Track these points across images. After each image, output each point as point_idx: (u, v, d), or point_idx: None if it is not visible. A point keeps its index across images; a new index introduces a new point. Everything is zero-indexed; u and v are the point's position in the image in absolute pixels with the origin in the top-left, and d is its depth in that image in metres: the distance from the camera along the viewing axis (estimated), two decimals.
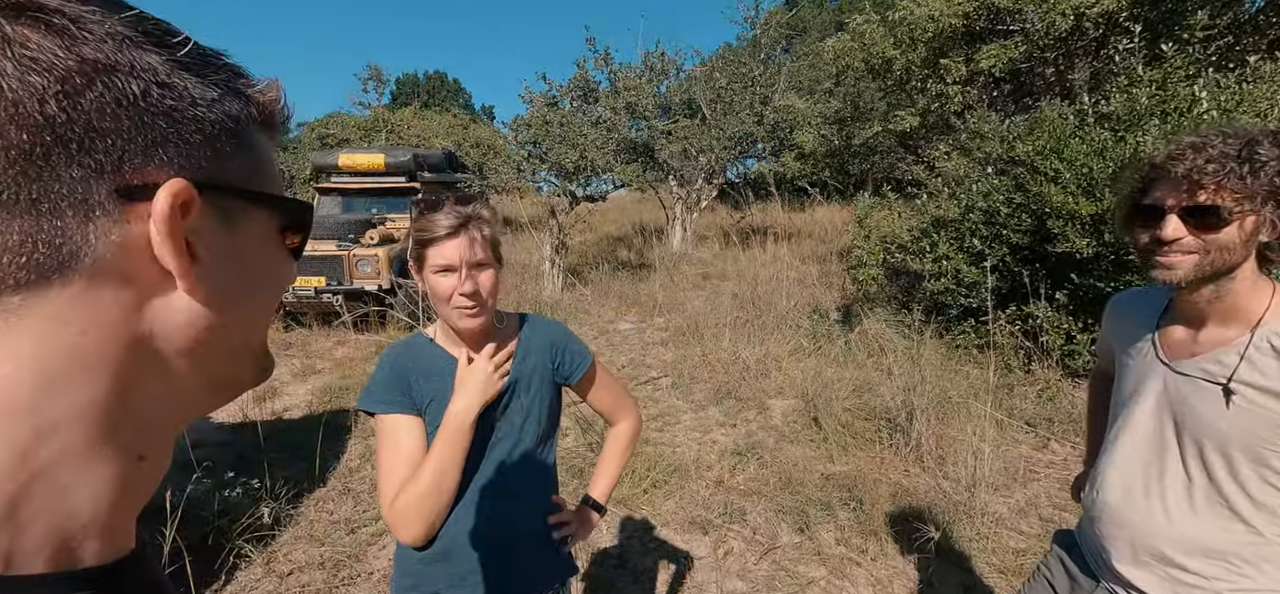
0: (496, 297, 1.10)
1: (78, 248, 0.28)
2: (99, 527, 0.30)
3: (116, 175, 0.29)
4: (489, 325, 1.13)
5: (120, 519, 0.32)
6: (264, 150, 0.37)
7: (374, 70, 28.83)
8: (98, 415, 0.29)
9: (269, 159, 0.37)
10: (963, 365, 4.49)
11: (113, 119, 0.28)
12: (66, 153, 0.27)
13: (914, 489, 3.09)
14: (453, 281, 1.04)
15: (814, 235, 10.59)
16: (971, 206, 4.88)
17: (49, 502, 0.28)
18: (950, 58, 6.08)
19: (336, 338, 5.90)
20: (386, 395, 1.09)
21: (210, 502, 2.73)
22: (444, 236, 1.03)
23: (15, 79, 0.26)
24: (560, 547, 1.24)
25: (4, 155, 0.26)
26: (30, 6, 0.27)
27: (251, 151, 0.35)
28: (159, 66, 0.30)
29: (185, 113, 0.31)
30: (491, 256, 1.07)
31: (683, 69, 10.09)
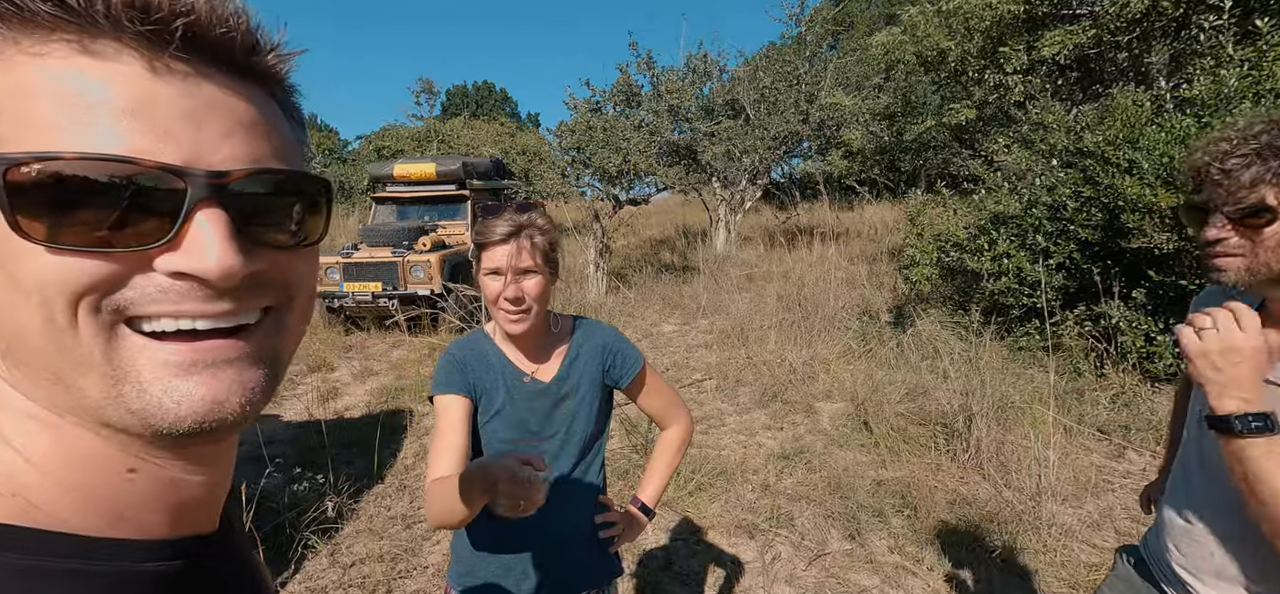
0: (545, 303, 1.12)
1: None
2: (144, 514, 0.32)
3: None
4: (538, 330, 1.16)
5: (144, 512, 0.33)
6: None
7: (425, 83, 30.03)
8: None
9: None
10: (1025, 368, 4.25)
11: None
12: None
13: (973, 497, 2.95)
14: (499, 285, 1.08)
15: (863, 235, 10.28)
16: (1034, 202, 4.62)
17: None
18: (1010, 46, 5.75)
19: (393, 340, 6.16)
20: (442, 378, 1.14)
21: (281, 494, 2.90)
22: (496, 241, 1.07)
23: None
24: (607, 547, 1.26)
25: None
26: None
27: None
28: None
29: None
30: (542, 265, 1.09)
31: (726, 70, 10.03)
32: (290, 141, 0.34)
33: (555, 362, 1.19)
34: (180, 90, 0.28)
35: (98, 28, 0.26)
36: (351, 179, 20.19)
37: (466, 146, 20.55)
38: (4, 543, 0.28)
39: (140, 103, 0.27)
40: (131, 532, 0.32)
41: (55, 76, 0.26)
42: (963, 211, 5.67)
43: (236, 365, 0.31)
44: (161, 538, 0.33)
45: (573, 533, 1.21)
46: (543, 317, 1.15)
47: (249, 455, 3.30)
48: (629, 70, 8.57)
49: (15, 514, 0.29)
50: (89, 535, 0.30)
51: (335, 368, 5.43)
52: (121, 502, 0.32)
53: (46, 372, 0.28)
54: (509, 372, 1.17)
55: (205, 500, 0.36)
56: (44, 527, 0.29)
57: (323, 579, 2.48)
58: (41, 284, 0.26)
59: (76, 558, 0.29)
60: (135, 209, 0.27)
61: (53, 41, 0.26)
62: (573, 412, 1.19)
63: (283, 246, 0.33)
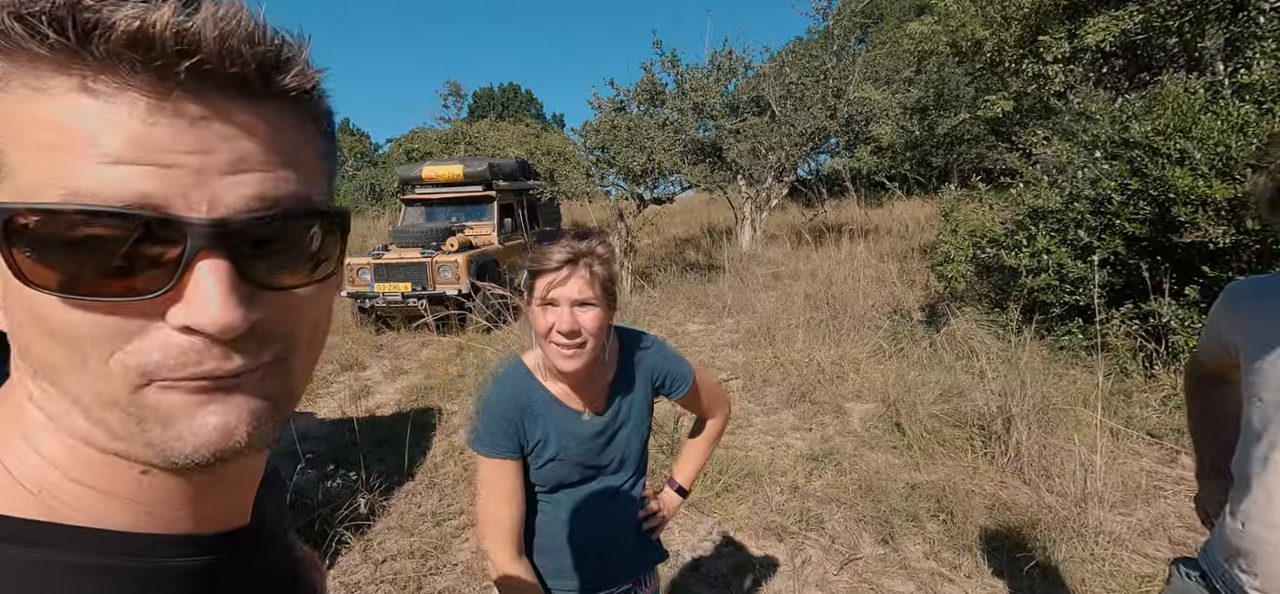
0: (602, 339, 1.03)
1: None
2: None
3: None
4: (590, 368, 1.06)
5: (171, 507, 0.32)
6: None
7: (453, 86, 30.56)
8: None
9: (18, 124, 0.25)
10: (1068, 369, 4.08)
11: None
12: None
13: (1013, 502, 2.84)
14: (553, 316, 0.99)
15: (893, 232, 10.05)
16: (1077, 195, 4.44)
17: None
18: (1050, 34, 5.53)
19: (422, 340, 6.27)
20: (496, 441, 1.07)
21: (315, 490, 2.97)
22: (552, 269, 0.98)
23: None
24: (650, 535, 1.29)
25: None
26: None
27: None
28: None
29: None
30: (602, 296, 1.00)
31: (751, 66, 9.91)
32: (315, 157, 0.32)
33: (604, 391, 1.14)
34: (184, 128, 0.26)
35: (99, 64, 0.25)
36: (382, 181, 20.66)
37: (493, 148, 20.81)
38: (34, 540, 0.28)
39: (139, 144, 0.25)
40: (159, 526, 0.32)
41: (55, 113, 0.25)
42: (999, 206, 5.48)
43: (244, 395, 0.30)
44: (190, 533, 0.32)
45: (622, 533, 1.22)
46: (597, 355, 1.05)
47: (285, 451, 3.38)
48: (653, 69, 8.55)
49: (43, 511, 0.29)
50: (118, 530, 0.30)
51: (367, 366, 5.55)
52: (144, 498, 0.31)
53: (69, 399, 0.28)
54: (562, 414, 1.10)
55: (231, 497, 0.36)
56: (73, 523, 0.29)
57: (356, 574, 2.53)
58: (75, 337, 0.27)
59: (109, 554, 0.29)
60: (139, 258, 0.26)
61: (55, 77, 0.25)
62: (628, 435, 1.17)
63: (292, 287, 0.31)
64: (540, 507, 1.17)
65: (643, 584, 1.29)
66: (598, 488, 1.17)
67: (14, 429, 0.30)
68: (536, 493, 1.16)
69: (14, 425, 0.30)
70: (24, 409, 0.30)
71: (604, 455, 1.16)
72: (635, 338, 1.21)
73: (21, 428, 0.30)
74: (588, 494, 1.16)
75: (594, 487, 1.17)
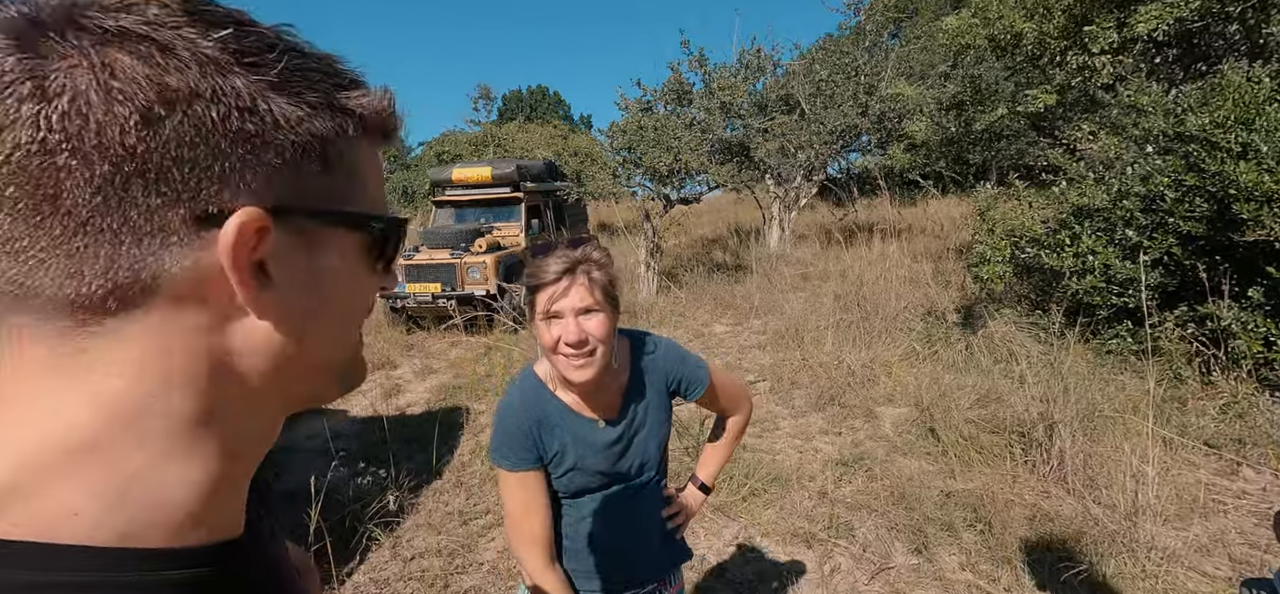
0: (609, 344, 1.01)
1: (157, 273, 0.29)
2: (203, 514, 0.32)
3: (192, 203, 0.29)
4: (603, 375, 1.04)
5: (224, 508, 0.34)
6: (362, 165, 0.36)
7: (483, 89, 31.05)
8: (195, 423, 0.32)
9: (367, 173, 0.36)
10: (1115, 374, 3.88)
11: (190, 148, 0.28)
12: (144, 182, 0.28)
13: (1056, 513, 2.71)
14: (558, 329, 0.98)
15: (927, 231, 9.77)
16: (1125, 192, 4.22)
17: (155, 494, 0.30)
18: (1097, 23, 5.26)
19: (451, 339, 6.37)
20: (516, 455, 1.06)
21: (346, 488, 3.03)
22: (551, 281, 0.98)
23: (101, 108, 0.26)
24: (675, 535, 1.28)
25: (88, 184, 0.27)
26: (125, 34, 0.27)
27: (342, 169, 0.34)
28: (244, 90, 0.30)
29: (266, 137, 0.31)
30: (603, 301, 0.99)
31: (780, 64, 9.77)
32: None
33: (618, 397, 1.13)
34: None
35: (385, 143, 0.39)
36: (413, 184, 21.13)
37: (521, 150, 21.08)
38: (33, 562, 0.27)
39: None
40: (163, 541, 0.31)
41: (378, 165, 0.39)
42: (1040, 205, 5.26)
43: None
44: (187, 546, 0.32)
45: (646, 533, 1.22)
46: (608, 361, 1.03)
47: (318, 449, 3.47)
48: (681, 68, 8.50)
49: (115, 537, 0.29)
50: (114, 547, 0.29)
51: (397, 365, 5.66)
52: (183, 508, 0.32)
53: (303, 378, 0.37)
54: (577, 424, 1.09)
55: (235, 502, 0.36)
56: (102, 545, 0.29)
57: (385, 571, 2.57)
58: (365, 307, 0.40)
59: (110, 570, 0.29)
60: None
61: (380, 147, 0.39)
62: (644, 438, 1.16)
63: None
64: (564, 510, 1.16)
65: (668, 584, 1.28)
66: (619, 491, 1.16)
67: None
68: (560, 498, 1.15)
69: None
70: (142, 428, 0.31)
71: (623, 462, 1.14)
72: (644, 341, 1.19)
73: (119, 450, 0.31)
74: (610, 497, 1.15)
75: (615, 490, 1.16)
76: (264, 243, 0.31)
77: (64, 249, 0.27)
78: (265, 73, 0.31)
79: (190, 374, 0.31)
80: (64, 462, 0.29)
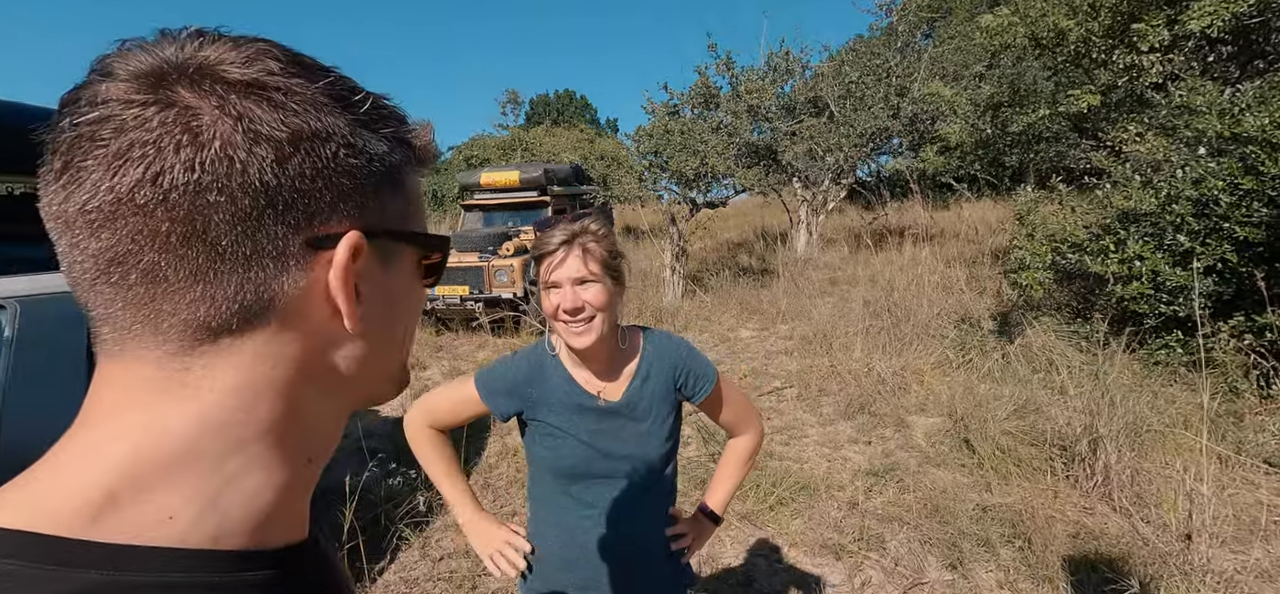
0: (608, 314, 1.06)
1: (274, 294, 0.32)
2: (280, 517, 0.35)
3: (308, 229, 0.33)
4: (606, 345, 1.09)
5: (295, 511, 0.37)
6: (416, 189, 0.40)
7: (511, 94, 31.53)
8: (278, 431, 0.34)
9: (419, 196, 0.41)
10: (1164, 386, 3.70)
11: (310, 180, 0.32)
12: (274, 212, 0.31)
13: (1101, 531, 2.59)
14: (558, 297, 1.04)
15: (961, 236, 9.49)
16: (1176, 196, 4.03)
17: (242, 497, 0.33)
18: (1146, 21, 5.04)
19: (478, 341, 6.45)
20: (489, 389, 1.15)
21: (378, 487, 3.09)
22: (551, 252, 1.04)
23: (243, 150, 0.30)
24: (680, 558, 1.23)
25: (231, 217, 0.30)
26: (253, 85, 0.31)
27: (407, 193, 0.39)
28: (344, 127, 0.34)
29: (362, 168, 0.35)
30: (601, 272, 1.04)
31: (809, 67, 9.65)
32: None
33: (624, 380, 1.14)
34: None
35: (426, 170, 0.42)
36: (443, 188, 21.54)
37: (548, 154, 21.29)
38: (108, 562, 0.29)
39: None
40: (245, 543, 0.34)
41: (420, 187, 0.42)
42: (1082, 209, 5.06)
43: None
44: (260, 548, 0.34)
45: (647, 548, 1.18)
46: (610, 330, 1.08)
47: (351, 449, 3.55)
48: (708, 72, 8.47)
49: (205, 540, 0.32)
50: (199, 548, 0.32)
51: (427, 367, 5.76)
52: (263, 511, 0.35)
53: (366, 376, 0.39)
54: (573, 391, 1.12)
55: (302, 507, 0.39)
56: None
57: (415, 570, 2.61)
58: (416, 316, 0.43)
59: (198, 571, 0.31)
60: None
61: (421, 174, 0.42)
62: (646, 431, 1.14)
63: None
64: (562, 504, 1.15)
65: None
66: (619, 492, 1.13)
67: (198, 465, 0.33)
68: (555, 486, 1.15)
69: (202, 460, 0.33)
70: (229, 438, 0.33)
71: (618, 444, 1.12)
72: (661, 334, 1.22)
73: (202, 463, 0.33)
74: (610, 498, 1.13)
75: (615, 491, 1.13)
76: (358, 261, 0.34)
77: (204, 276, 0.31)
78: (356, 112, 0.35)
79: (281, 387, 0.34)
80: (160, 470, 0.31)
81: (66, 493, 0.29)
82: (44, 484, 0.30)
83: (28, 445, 1.07)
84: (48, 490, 0.30)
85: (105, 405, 0.32)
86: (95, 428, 0.31)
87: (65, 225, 0.30)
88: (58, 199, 0.30)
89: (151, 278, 0.30)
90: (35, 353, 1.07)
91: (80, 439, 0.31)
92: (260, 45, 0.33)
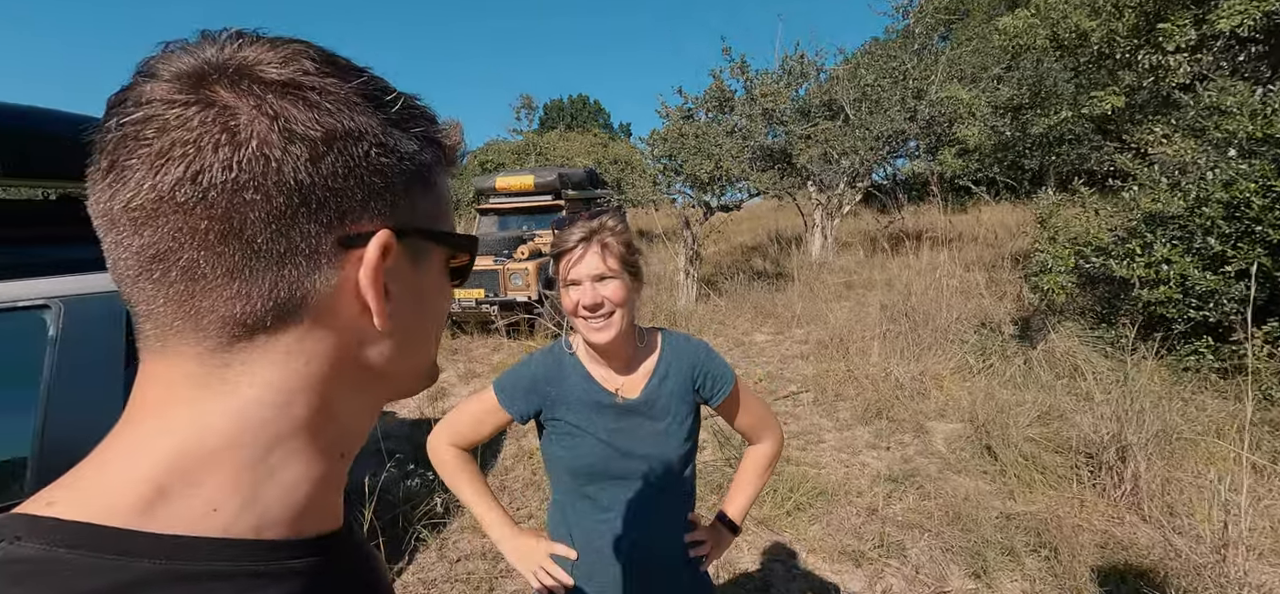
0: (627, 310, 1.07)
1: (307, 292, 0.33)
2: (316, 508, 0.36)
3: (340, 227, 0.33)
4: (624, 343, 1.10)
5: (330, 502, 0.38)
6: (445, 189, 0.40)
7: (525, 99, 31.76)
8: (313, 426, 0.35)
9: (448, 196, 0.41)
10: (1195, 393, 3.61)
11: (342, 179, 0.32)
12: (308, 210, 0.32)
13: (1131, 542, 2.52)
14: (577, 294, 1.04)
15: (979, 239, 9.36)
16: (1205, 199, 3.93)
17: (281, 490, 0.34)
18: (1172, 21, 4.93)
19: (493, 344, 6.48)
20: (509, 394, 1.15)
21: (396, 488, 3.11)
22: (570, 249, 1.05)
23: (279, 149, 0.30)
24: (698, 565, 1.21)
25: (267, 215, 0.31)
26: (289, 85, 0.31)
27: (436, 192, 0.39)
28: (376, 127, 0.34)
29: (393, 167, 0.35)
30: (620, 269, 1.05)
31: (824, 69, 9.59)
32: None
33: (642, 378, 1.14)
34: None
35: (454, 169, 0.42)
36: (459, 192, 21.74)
37: (562, 158, 21.40)
38: (171, 553, 0.30)
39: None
40: (286, 532, 0.35)
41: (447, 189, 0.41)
42: (1106, 212, 4.96)
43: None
44: (299, 537, 0.35)
45: (665, 552, 1.16)
46: (628, 327, 1.09)
47: (371, 450, 3.58)
48: (722, 76, 8.45)
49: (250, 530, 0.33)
50: (244, 538, 0.33)
51: (443, 369, 5.80)
52: (319, 494, 0.36)
53: (398, 379, 0.40)
54: (591, 388, 1.12)
55: (336, 497, 0.39)
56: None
57: (432, 572, 2.62)
58: (444, 316, 0.43)
59: (243, 559, 0.32)
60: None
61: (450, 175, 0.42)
62: (664, 431, 1.13)
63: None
64: (579, 508, 1.14)
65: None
66: (637, 495, 1.12)
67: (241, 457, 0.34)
68: (573, 488, 1.14)
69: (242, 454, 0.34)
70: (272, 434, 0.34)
71: (636, 443, 1.11)
72: (679, 335, 1.22)
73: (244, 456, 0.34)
74: (627, 501, 1.12)
75: (632, 493, 1.12)
76: (388, 259, 0.35)
77: (240, 273, 0.31)
78: (388, 111, 0.35)
79: (314, 383, 0.34)
80: (204, 465, 0.32)
81: (119, 486, 0.30)
82: (96, 478, 0.31)
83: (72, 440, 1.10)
84: (100, 484, 0.31)
85: (150, 402, 0.33)
86: (141, 424, 0.32)
87: (110, 223, 0.31)
88: (104, 197, 0.31)
89: (191, 274, 0.31)
90: (78, 351, 1.10)
91: (127, 435, 0.32)
92: (297, 46, 0.33)
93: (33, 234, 1.25)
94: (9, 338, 1.09)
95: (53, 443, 1.02)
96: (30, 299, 1.10)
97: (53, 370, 1.07)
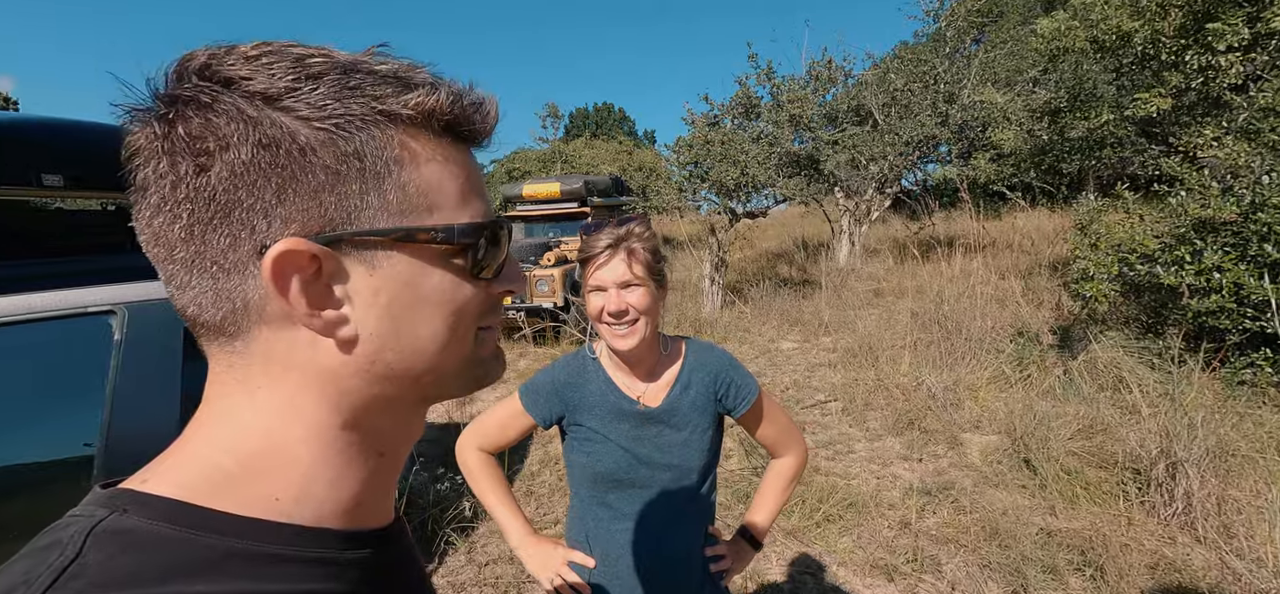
0: (653, 317, 1.07)
1: (248, 300, 0.33)
2: (364, 504, 0.38)
3: (252, 238, 0.32)
4: (648, 349, 1.10)
5: (379, 499, 0.39)
6: (423, 179, 0.35)
7: (551, 107, 32.11)
8: (335, 428, 0.36)
9: (435, 178, 0.35)
10: (1252, 408, 3.42)
11: (232, 191, 0.31)
12: (212, 226, 0.32)
13: (1184, 564, 2.40)
14: (602, 300, 1.05)
15: (1014, 246, 9.08)
16: (1261, 204, 3.74)
17: (324, 486, 0.35)
18: (1223, 20, 4.73)
19: (519, 351, 6.55)
20: (532, 399, 1.17)
21: (427, 492, 3.16)
22: (596, 255, 1.05)
23: (167, 167, 0.31)
24: (719, 579, 1.19)
25: (182, 232, 0.32)
26: (183, 100, 0.31)
27: (392, 182, 0.34)
28: (269, 129, 0.31)
29: (294, 169, 0.32)
30: (646, 277, 1.05)
31: (852, 74, 9.47)
32: None
33: (665, 387, 1.13)
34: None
35: (459, 139, 0.38)
36: None
37: (587, 165, 21.58)
38: (245, 533, 0.33)
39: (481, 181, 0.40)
40: (343, 524, 0.37)
41: (459, 164, 0.38)
42: (1152, 217, 4.76)
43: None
44: (356, 529, 0.37)
45: (685, 562, 1.15)
46: (653, 334, 1.09)
47: None
48: (748, 82, 8.42)
49: (274, 513, 0.34)
50: (310, 526, 0.35)
51: None
52: (349, 494, 0.37)
53: (419, 381, 0.38)
54: (613, 394, 1.12)
55: (388, 495, 0.41)
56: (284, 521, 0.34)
57: (461, 575, 2.64)
58: (475, 309, 0.38)
59: (310, 546, 0.34)
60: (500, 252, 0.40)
61: (453, 144, 0.38)
62: (685, 440, 1.12)
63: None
64: (598, 516, 1.13)
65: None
66: (656, 504, 1.11)
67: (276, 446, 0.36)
68: (593, 495, 1.13)
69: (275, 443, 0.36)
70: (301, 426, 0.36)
71: (657, 451, 1.11)
72: (703, 344, 1.21)
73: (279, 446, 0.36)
74: (647, 511, 1.11)
75: (652, 502, 1.11)
76: (316, 268, 0.32)
77: (190, 284, 0.33)
78: (296, 106, 0.32)
79: (311, 383, 0.35)
80: (258, 458, 0.34)
81: (198, 469, 0.33)
82: (174, 460, 0.34)
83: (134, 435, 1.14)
84: (180, 465, 0.34)
85: (207, 396, 0.36)
86: (202, 414, 0.35)
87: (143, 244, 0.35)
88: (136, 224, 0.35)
89: (172, 283, 0.34)
90: (140, 353, 1.16)
91: (199, 422, 0.35)
92: (198, 60, 0.33)
93: (96, 243, 1.31)
94: (79, 341, 1.16)
95: (117, 439, 1.08)
96: (97, 305, 1.17)
97: (117, 371, 1.13)
